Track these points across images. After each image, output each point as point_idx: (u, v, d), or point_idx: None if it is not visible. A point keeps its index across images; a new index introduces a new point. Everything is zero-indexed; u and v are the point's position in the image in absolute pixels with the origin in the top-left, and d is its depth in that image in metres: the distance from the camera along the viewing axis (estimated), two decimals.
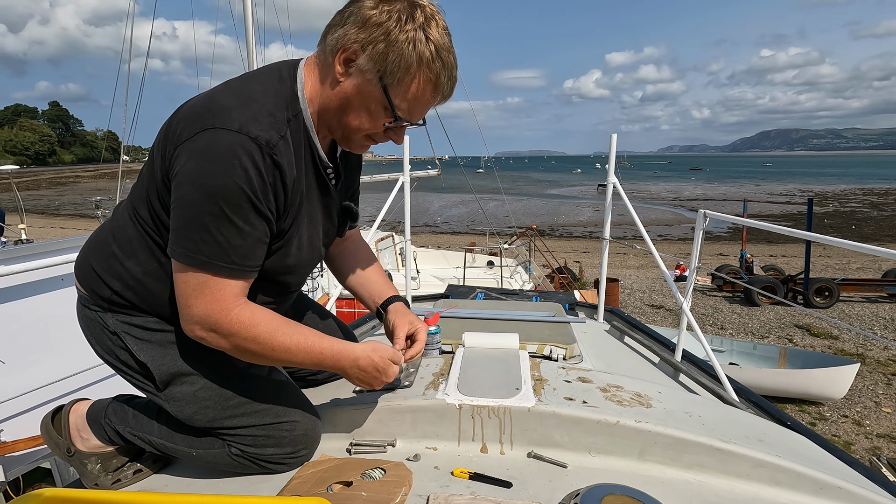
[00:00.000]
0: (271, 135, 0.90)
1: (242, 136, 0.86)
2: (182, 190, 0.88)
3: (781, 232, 2.10)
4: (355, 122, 0.98)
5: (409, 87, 0.93)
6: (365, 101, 0.95)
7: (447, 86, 0.97)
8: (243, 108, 0.89)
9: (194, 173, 0.87)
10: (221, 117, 0.87)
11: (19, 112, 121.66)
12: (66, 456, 1.17)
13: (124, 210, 1.07)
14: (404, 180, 3.48)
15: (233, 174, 0.86)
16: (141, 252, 1.02)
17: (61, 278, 2.59)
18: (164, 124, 0.97)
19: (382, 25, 0.89)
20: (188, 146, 0.88)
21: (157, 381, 1.05)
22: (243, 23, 5.86)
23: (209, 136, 0.86)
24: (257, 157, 0.87)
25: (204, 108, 0.90)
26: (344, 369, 1.05)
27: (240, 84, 0.95)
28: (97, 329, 1.08)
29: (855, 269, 13.56)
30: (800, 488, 1.03)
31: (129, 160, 10.18)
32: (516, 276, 9.24)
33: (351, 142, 1.04)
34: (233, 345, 0.96)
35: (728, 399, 1.98)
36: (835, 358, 6.44)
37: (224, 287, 0.93)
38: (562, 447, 1.12)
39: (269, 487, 1.04)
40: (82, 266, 1.09)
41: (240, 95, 0.92)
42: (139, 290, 1.04)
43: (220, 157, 0.86)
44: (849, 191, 43.13)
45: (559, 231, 23.97)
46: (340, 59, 0.93)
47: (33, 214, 25.67)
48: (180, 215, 0.90)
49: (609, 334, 2.65)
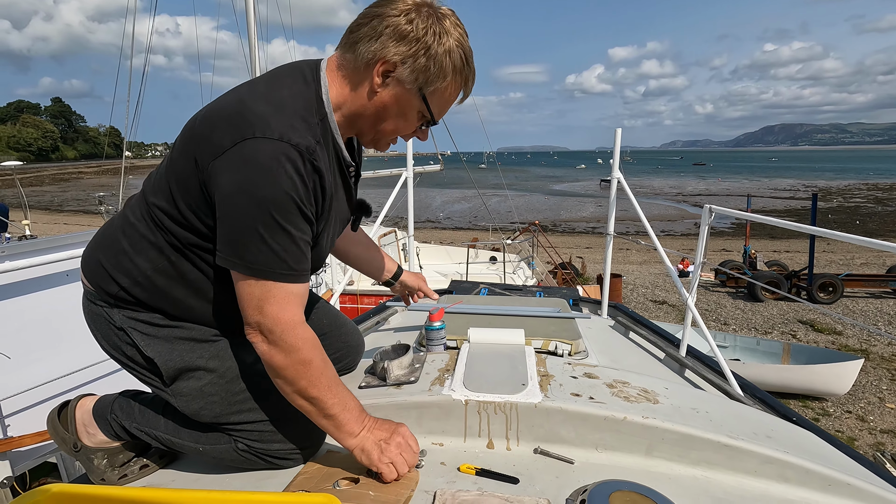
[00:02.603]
0: (309, 141, 0.92)
1: (284, 144, 0.88)
2: (230, 202, 0.90)
3: (786, 226, 2.09)
4: (391, 127, 1.04)
5: (444, 92, 1.01)
6: (403, 109, 1.01)
7: (471, 86, 1.05)
8: (279, 115, 0.91)
9: (242, 184, 0.88)
10: (261, 126, 0.89)
11: (22, 108, 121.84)
12: (72, 451, 1.18)
13: (136, 206, 1.06)
14: (407, 176, 3.47)
15: (280, 182, 0.88)
16: (151, 249, 1.02)
17: (66, 274, 2.60)
18: (189, 126, 0.98)
19: (421, 40, 0.94)
20: (230, 157, 0.88)
21: (164, 377, 1.05)
22: (245, 19, 5.84)
23: (251, 145, 0.88)
24: (300, 163, 0.89)
25: (238, 116, 0.91)
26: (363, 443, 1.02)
27: (267, 88, 0.96)
28: (103, 325, 1.08)
29: (859, 264, 13.51)
30: (809, 485, 1.02)
31: (131, 156, 10.19)
32: (519, 271, 9.23)
33: (379, 143, 1.09)
34: (283, 364, 0.96)
35: (733, 395, 1.97)
36: (838, 354, 6.42)
37: (290, 295, 0.95)
38: (569, 443, 1.12)
39: (276, 483, 1.04)
40: (89, 261, 1.09)
41: (271, 101, 0.93)
42: (148, 287, 1.04)
43: (265, 166, 0.87)
44: (853, 186, 42.93)
45: (562, 227, 23.93)
46: (379, 71, 0.96)
47: (37, 210, 25.76)
48: (232, 228, 0.91)
49: (614, 330, 2.64)
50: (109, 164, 50.93)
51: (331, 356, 1.36)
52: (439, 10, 0.97)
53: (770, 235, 19.38)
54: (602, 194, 38.29)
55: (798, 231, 2.07)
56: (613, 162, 2.83)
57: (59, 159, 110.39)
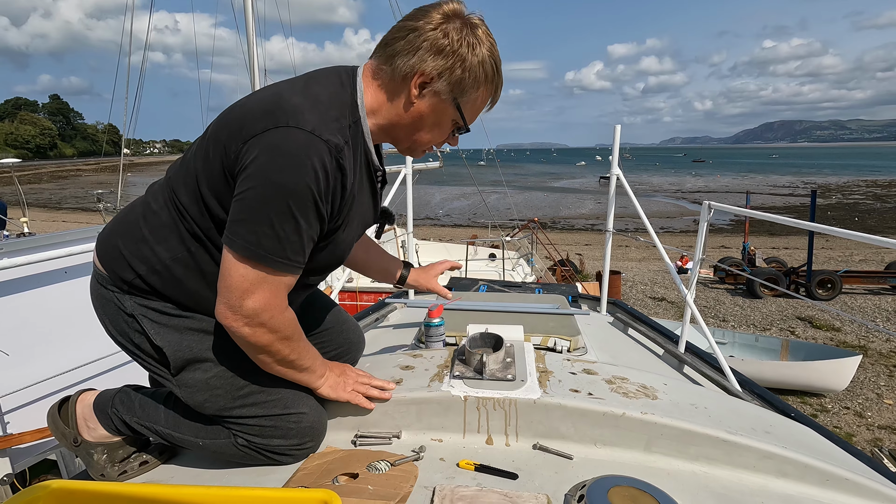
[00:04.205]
0: (339, 139, 0.93)
1: (315, 138, 0.89)
2: (251, 183, 0.90)
3: (785, 223, 2.09)
4: (427, 136, 1.08)
5: (477, 101, 1.05)
6: (438, 119, 1.05)
7: (500, 93, 1.09)
8: (313, 110, 0.93)
9: (266, 168, 0.89)
10: (295, 116, 0.90)
11: (20, 105, 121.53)
12: (72, 446, 1.17)
13: (159, 193, 1.06)
14: (406, 173, 3.47)
15: (304, 173, 0.89)
16: (172, 238, 1.02)
17: (64, 271, 2.59)
18: (224, 115, 1.00)
19: (457, 53, 0.97)
20: (259, 141, 0.89)
21: (171, 367, 1.05)
22: (244, 15, 5.82)
23: (283, 133, 0.89)
24: (327, 159, 0.91)
25: (274, 105, 0.92)
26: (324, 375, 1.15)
27: (305, 85, 0.98)
28: (112, 310, 1.07)
29: (858, 261, 13.53)
30: (807, 480, 1.03)
31: (129, 153, 10.15)
32: (518, 268, 9.24)
33: (415, 151, 1.13)
34: (268, 342, 0.99)
35: (732, 391, 1.98)
36: (837, 350, 6.43)
37: (280, 283, 0.97)
38: (567, 439, 1.12)
39: (275, 479, 1.05)
40: (106, 246, 1.08)
41: (308, 96, 0.95)
42: (165, 276, 1.03)
43: (293, 155, 0.88)
44: (852, 182, 42.96)
45: (561, 223, 23.94)
46: (416, 83, 1.00)
47: (35, 208, 25.71)
48: (246, 207, 0.91)
49: (613, 326, 2.64)
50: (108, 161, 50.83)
51: (332, 352, 1.36)
52: (471, 20, 1.00)
53: (769, 232, 19.40)
54: (601, 191, 38.29)
55: (797, 227, 2.07)
56: (613, 159, 2.83)
57: (58, 157, 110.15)
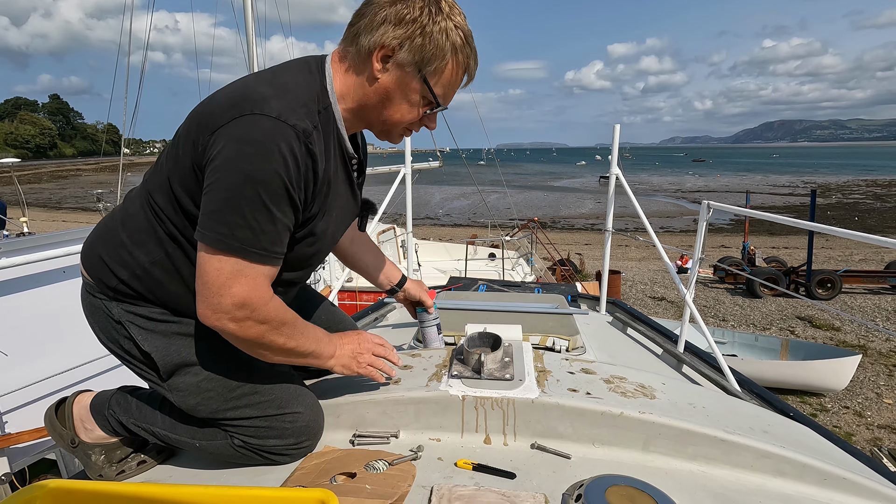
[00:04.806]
0: (307, 124, 0.92)
1: (281, 124, 0.88)
2: (218, 174, 0.88)
3: (784, 222, 2.09)
4: (397, 115, 1.03)
5: (444, 73, 1.00)
6: (405, 93, 1.00)
7: (474, 68, 1.04)
8: (280, 98, 0.91)
9: (233, 158, 0.87)
10: (260, 104, 0.89)
11: (19, 105, 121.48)
12: (69, 447, 1.17)
13: (136, 198, 1.06)
14: (406, 172, 3.47)
15: (272, 160, 0.87)
16: (150, 241, 1.02)
17: (63, 270, 2.59)
18: (192, 112, 0.98)
19: (417, 21, 0.94)
20: (225, 131, 0.88)
21: (161, 371, 1.05)
22: (243, 15, 5.82)
23: (248, 121, 0.88)
24: (295, 144, 0.89)
25: (240, 96, 0.92)
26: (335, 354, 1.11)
27: (272, 75, 0.97)
28: (102, 317, 1.08)
29: (857, 260, 13.53)
30: (805, 479, 1.02)
31: (129, 153, 10.16)
32: (518, 268, 9.24)
33: (391, 134, 1.09)
34: (259, 335, 0.97)
35: (731, 390, 1.98)
36: (836, 349, 6.43)
37: (259, 274, 0.94)
38: (565, 438, 1.12)
39: (273, 479, 1.04)
40: (89, 254, 1.08)
41: (275, 85, 0.94)
42: (146, 280, 1.03)
43: (259, 142, 0.87)
44: (852, 182, 42.94)
45: (560, 223, 23.93)
46: (378, 56, 0.97)
47: (35, 208, 25.71)
48: (215, 199, 0.89)
49: (612, 326, 2.64)
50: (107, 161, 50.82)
51: None
52: None
53: (769, 232, 19.40)
54: (601, 191, 38.27)
55: (797, 227, 2.07)
56: (612, 158, 2.83)
57: (57, 156, 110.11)
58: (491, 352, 1.27)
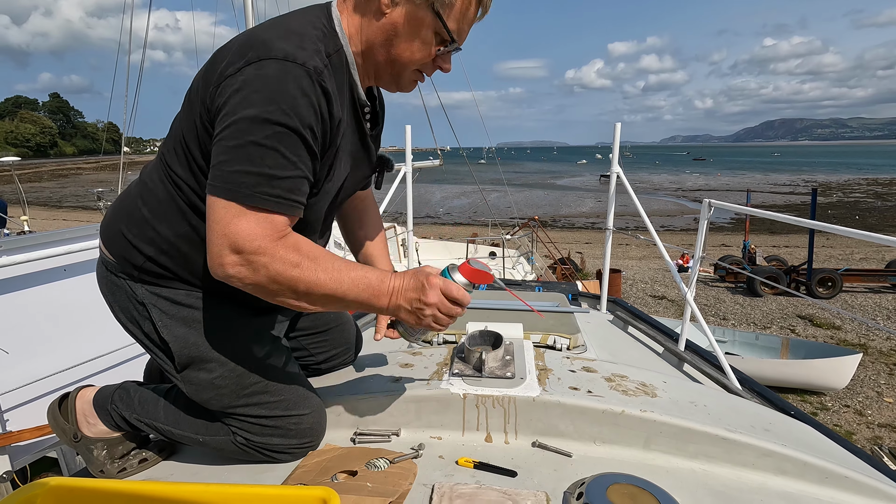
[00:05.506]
0: (317, 62, 0.86)
1: (289, 63, 0.83)
2: (225, 122, 0.84)
3: (785, 221, 2.09)
4: (406, 53, 0.95)
5: (459, 5, 0.91)
6: (416, 29, 0.92)
7: (489, 1, 0.95)
8: (285, 40, 0.86)
9: (239, 104, 0.82)
10: (265, 49, 0.84)
11: (20, 104, 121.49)
12: (72, 442, 1.17)
13: (153, 171, 1.02)
14: (406, 171, 3.46)
15: (280, 101, 0.82)
16: (172, 214, 0.99)
17: (64, 269, 2.59)
18: (200, 70, 0.93)
19: None
20: (231, 81, 0.84)
21: (176, 362, 1.04)
22: (243, 13, 5.81)
23: (253, 67, 0.83)
24: (305, 82, 0.84)
25: (245, 45, 0.86)
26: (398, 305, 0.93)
27: (277, 21, 0.92)
28: (123, 297, 1.05)
29: (858, 259, 13.52)
30: (806, 477, 1.02)
31: (129, 152, 10.16)
32: (518, 266, 9.23)
33: (401, 79, 1.00)
34: (274, 275, 0.85)
35: (732, 389, 1.98)
36: (837, 348, 6.43)
37: (271, 217, 0.85)
38: (566, 437, 1.12)
39: (274, 476, 1.05)
40: (110, 233, 1.05)
41: (280, 29, 0.88)
42: (173, 255, 1.00)
43: (266, 85, 0.82)
44: (853, 181, 42.89)
45: (561, 222, 23.93)
46: None
47: (35, 206, 25.70)
48: (223, 149, 0.84)
49: (612, 324, 2.64)
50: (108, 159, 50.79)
51: (332, 352, 1.36)
52: None
53: (769, 231, 19.39)
54: (601, 189, 38.26)
55: (797, 225, 2.06)
56: (613, 156, 2.82)
57: (58, 155, 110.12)
58: (492, 350, 1.27)
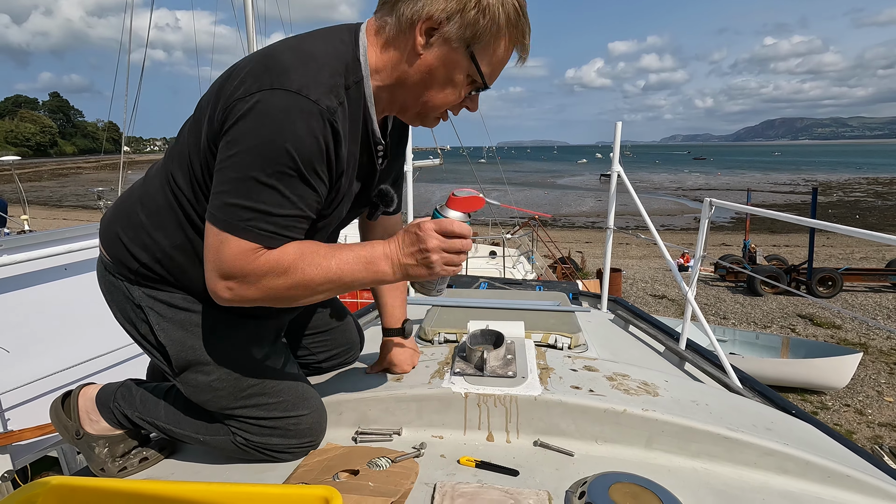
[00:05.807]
0: (331, 99, 0.84)
1: (302, 98, 0.80)
2: (230, 150, 0.82)
3: (785, 220, 2.08)
4: (439, 96, 0.93)
5: (497, 50, 0.89)
6: (450, 73, 0.90)
7: (528, 43, 0.93)
8: (303, 68, 0.83)
9: (245, 134, 0.81)
10: (280, 77, 0.81)
11: (20, 103, 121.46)
12: (74, 439, 1.17)
13: (156, 175, 1.01)
14: (406, 170, 3.46)
15: (287, 138, 0.80)
16: (170, 223, 0.98)
17: (64, 268, 2.59)
18: (216, 81, 0.91)
19: None
20: (241, 105, 0.81)
21: (174, 365, 1.04)
22: (244, 13, 5.80)
23: (265, 95, 0.80)
24: (315, 122, 0.82)
25: (261, 66, 0.84)
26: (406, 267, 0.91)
27: (299, 42, 0.88)
28: (121, 298, 1.05)
29: (859, 258, 13.52)
30: (808, 476, 1.02)
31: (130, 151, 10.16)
32: (519, 265, 9.23)
33: (427, 118, 0.98)
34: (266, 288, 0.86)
35: (733, 388, 1.97)
36: (837, 347, 6.43)
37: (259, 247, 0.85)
38: (568, 436, 1.12)
39: (276, 475, 1.04)
40: (108, 234, 1.04)
41: (299, 54, 0.85)
42: (167, 265, 1.00)
43: (274, 118, 0.80)
44: (853, 180, 42.88)
45: (561, 221, 23.92)
46: (421, 29, 0.86)
47: (36, 206, 25.68)
48: (225, 178, 0.83)
49: (613, 323, 2.64)
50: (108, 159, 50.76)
51: (334, 351, 1.36)
52: None
53: (770, 230, 19.39)
54: (602, 189, 38.25)
55: (798, 225, 2.06)
56: (613, 155, 2.82)
57: (58, 154, 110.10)
58: (493, 349, 1.27)
